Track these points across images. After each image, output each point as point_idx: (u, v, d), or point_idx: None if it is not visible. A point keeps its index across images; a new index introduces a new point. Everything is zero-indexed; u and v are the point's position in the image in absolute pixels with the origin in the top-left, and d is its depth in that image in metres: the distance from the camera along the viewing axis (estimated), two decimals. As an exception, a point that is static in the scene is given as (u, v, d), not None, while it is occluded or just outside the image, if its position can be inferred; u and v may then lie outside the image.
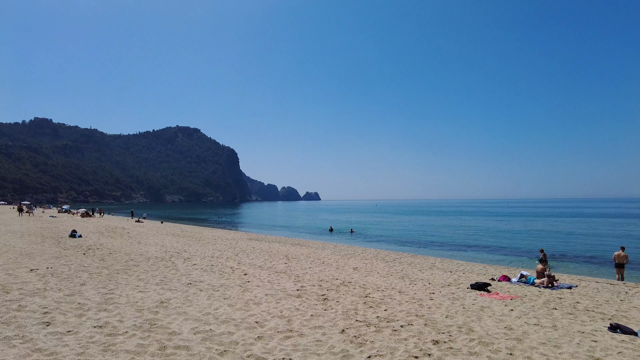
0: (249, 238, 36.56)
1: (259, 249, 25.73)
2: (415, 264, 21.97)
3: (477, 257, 29.78)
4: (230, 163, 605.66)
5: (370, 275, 16.07)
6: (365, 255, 25.58)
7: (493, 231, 53.78)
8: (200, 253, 20.61)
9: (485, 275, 18.48)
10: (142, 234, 32.25)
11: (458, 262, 24.83)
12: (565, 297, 13.10)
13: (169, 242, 26.12)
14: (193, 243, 26.88)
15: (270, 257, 20.52)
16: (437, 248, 35.90)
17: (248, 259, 19.09)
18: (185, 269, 14.74)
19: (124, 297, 9.74)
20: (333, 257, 23.32)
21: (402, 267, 19.93)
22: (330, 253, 25.91)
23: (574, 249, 34.69)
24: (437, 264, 22.83)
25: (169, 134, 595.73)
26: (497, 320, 9.29)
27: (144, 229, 39.54)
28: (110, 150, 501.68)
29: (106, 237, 27.15)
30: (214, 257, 19.28)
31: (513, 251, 33.89)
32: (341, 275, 15.49)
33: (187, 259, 17.88)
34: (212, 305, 9.38)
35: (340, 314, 9.13)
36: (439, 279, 16.19)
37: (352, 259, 23.02)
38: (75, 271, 12.96)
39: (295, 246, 30.29)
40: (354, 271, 17.03)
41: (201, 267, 15.58)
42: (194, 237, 32.84)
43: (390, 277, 15.81)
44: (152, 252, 19.93)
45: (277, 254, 22.78)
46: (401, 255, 27.66)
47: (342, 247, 32.36)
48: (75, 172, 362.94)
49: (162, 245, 23.98)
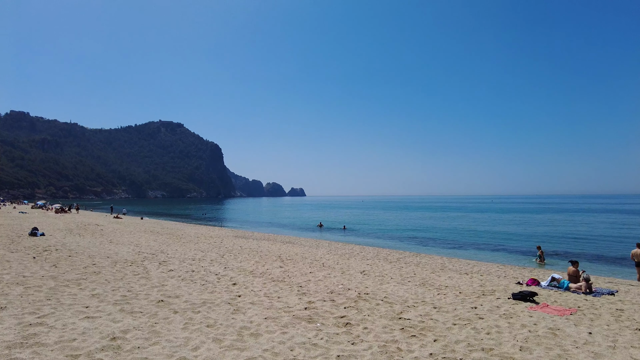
0: (235, 235, 33.59)
1: (247, 248, 22.85)
2: (423, 265, 19.37)
3: (479, 255, 27.31)
4: (214, 158, 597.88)
5: (384, 282, 13.32)
6: (365, 255, 22.88)
7: (485, 227, 51.60)
8: (180, 254, 17.64)
9: (507, 278, 15.98)
10: (117, 232, 29.05)
11: (468, 262, 22.29)
12: (625, 307, 10.65)
13: (145, 241, 23.05)
14: (173, 242, 23.86)
15: (262, 259, 17.67)
16: (435, 245, 33.32)
17: (236, 262, 16.19)
18: (158, 278, 11.79)
19: (57, 331, 6.64)
20: (331, 257, 20.58)
21: (412, 269, 17.29)
22: (327, 252, 23.17)
23: (573, 246, 32.62)
24: (447, 265, 20.26)
25: (152, 128, 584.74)
26: (591, 354, 6.64)
27: (120, 226, 36.25)
28: (91, 145, 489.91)
29: (74, 236, 23.94)
30: (196, 259, 16.33)
31: (510, 248, 31.63)
32: (351, 283, 12.72)
33: (162, 262, 14.91)
34: (189, 340, 6.47)
35: (377, 350, 6.35)
36: (464, 284, 13.56)
37: (352, 259, 20.33)
38: (6, 285, 9.85)
39: (286, 244, 27.48)
40: (363, 276, 14.28)
41: (179, 274, 12.63)
42: (175, 235, 29.78)
43: (409, 284, 13.11)
44: (122, 253, 16.90)
45: (269, 254, 19.94)
46: (403, 254, 25.02)
47: (337, 245, 29.61)
48: (54, 167, 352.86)
49: (136, 244, 20.90)
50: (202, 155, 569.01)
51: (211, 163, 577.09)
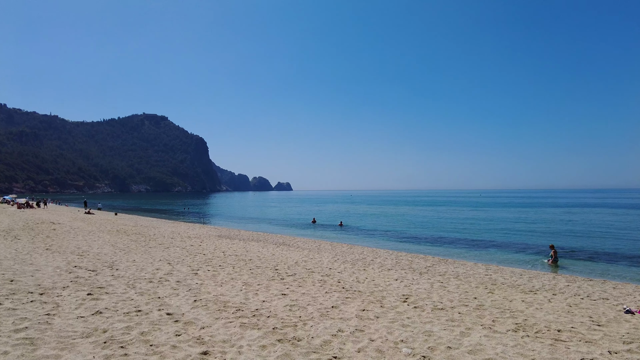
0: (218, 235, 28.39)
1: (232, 254, 17.76)
2: (466, 278, 14.53)
3: (497, 256, 22.49)
4: (199, 152, 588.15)
5: (454, 324, 8.17)
6: (383, 263, 17.93)
7: (483, 223, 46.83)
8: (134, 270, 12.45)
9: (605, 302, 11.19)
10: (71, 232, 23.65)
11: (512, 271, 17.42)
12: None
13: (98, 247, 17.75)
14: (136, 247, 18.61)
15: (253, 276, 12.59)
16: (448, 244, 28.17)
17: (214, 285, 11.04)
18: (70, 328, 6.64)
19: None
20: (343, 267, 15.64)
21: (461, 287, 12.51)
22: (334, 259, 18.20)
23: (587, 244, 28.39)
24: (495, 276, 15.44)
25: (135, 121, 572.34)
26: None
27: (83, 224, 30.77)
28: (72, 138, 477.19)
29: (5, 239, 18.57)
30: (154, 280, 11.15)
31: (520, 247, 27.06)
32: (408, 329, 7.69)
33: (97, 289, 9.70)
34: None
35: None
36: (577, 322, 8.66)
37: (370, 269, 15.47)
38: None
39: (280, 247, 22.43)
40: (415, 310, 9.27)
41: (110, 321, 7.35)
42: (145, 235, 24.51)
43: (497, 331, 8.06)
44: (46, 270, 11.65)
45: (261, 265, 14.88)
46: (427, 259, 20.08)
47: (342, 247, 24.58)
48: (33, 160, 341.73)
49: (81, 253, 15.59)
50: (186, 149, 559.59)
51: (196, 157, 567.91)
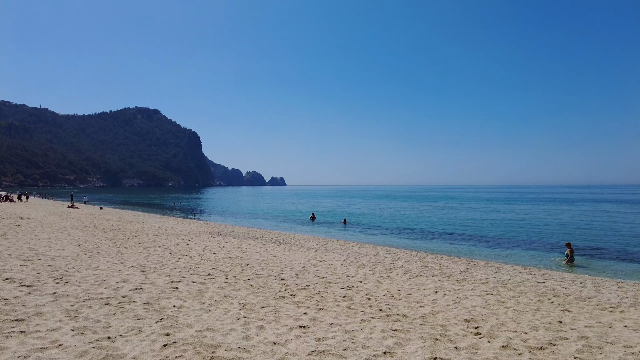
0: (209, 232, 25.26)
1: (225, 256, 14.65)
2: (513, 286, 11.72)
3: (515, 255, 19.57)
4: (192, 146, 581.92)
5: None
6: (407, 266, 14.92)
7: (489, 219, 43.97)
8: (90, 284, 9.23)
9: None
10: (40, 227, 20.37)
11: (562, 275, 14.52)
12: None
13: (60, 247, 14.51)
14: (109, 247, 15.41)
15: (253, 290, 9.46)
16: (465, 242, 25.20)
17: (198, 307, 7.84)
18: None
19: None
20: (363, 273, 12.63)
21: (521, 300, 9.72)
22: (347, 262, 15.18)
23: (603, 242, 26.04)
24: (546, 282, 12.53)
25: (127, 115, 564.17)
26: None
27: (58, 218, 27.48)
28: (63, 132, 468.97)
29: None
30: (114, 299, 7.95)
31: (532, 244, 24.48)
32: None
33: (18, 320, 6.48)
34: None
35: None
36: None
37: (395, 275, 12.59)
38: None
39: (281, 246, 19.36)
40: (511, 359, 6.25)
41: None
42: (125, 232, 21.33)
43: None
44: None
45: (262, 271, 11.79)
46: (457, 262, 17.06)
47: (353, 247, 21.47)
48: (22, 153, 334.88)
49: (31, 257, 12.32)
50: (179, 143, 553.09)
51: (189, 151, 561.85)
